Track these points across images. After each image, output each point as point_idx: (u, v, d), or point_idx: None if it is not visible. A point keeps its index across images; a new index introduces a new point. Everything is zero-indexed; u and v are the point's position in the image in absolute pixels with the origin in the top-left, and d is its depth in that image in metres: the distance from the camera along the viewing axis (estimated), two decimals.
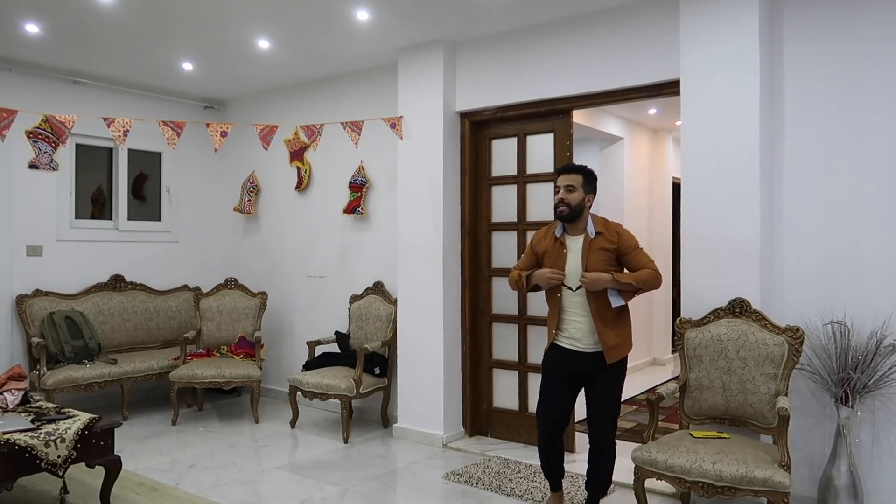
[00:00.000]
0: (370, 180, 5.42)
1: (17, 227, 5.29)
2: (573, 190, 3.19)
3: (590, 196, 3.23)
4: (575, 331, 3.21)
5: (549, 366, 3.31)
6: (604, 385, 3.20)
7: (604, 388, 3.20)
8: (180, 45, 4.85)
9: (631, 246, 3.21)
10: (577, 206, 3.18)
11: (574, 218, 3.20)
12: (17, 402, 3.62)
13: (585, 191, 3.21)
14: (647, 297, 7.45)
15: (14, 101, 4.70)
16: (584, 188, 3.20)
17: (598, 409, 3.21)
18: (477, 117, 4.77)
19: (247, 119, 6.06)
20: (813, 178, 3.48)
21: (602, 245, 3.18)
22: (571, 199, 3.18)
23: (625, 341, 3.22)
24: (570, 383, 3.26)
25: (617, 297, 3.15)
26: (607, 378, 3.19)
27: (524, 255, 3.45)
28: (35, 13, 4.20)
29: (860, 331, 3.27)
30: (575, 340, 3.21)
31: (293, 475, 4.06)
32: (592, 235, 3.19)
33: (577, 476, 3.97)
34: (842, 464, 3.21)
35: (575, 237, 3.24)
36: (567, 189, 3.19)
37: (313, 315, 5.78)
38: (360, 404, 5.31)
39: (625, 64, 4.04)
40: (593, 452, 3.26)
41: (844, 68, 3.40)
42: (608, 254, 3.17)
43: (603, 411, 3.21)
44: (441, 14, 4.22)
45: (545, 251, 3.30)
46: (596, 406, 3.22)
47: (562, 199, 3.19)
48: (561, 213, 3.19)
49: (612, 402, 3.22)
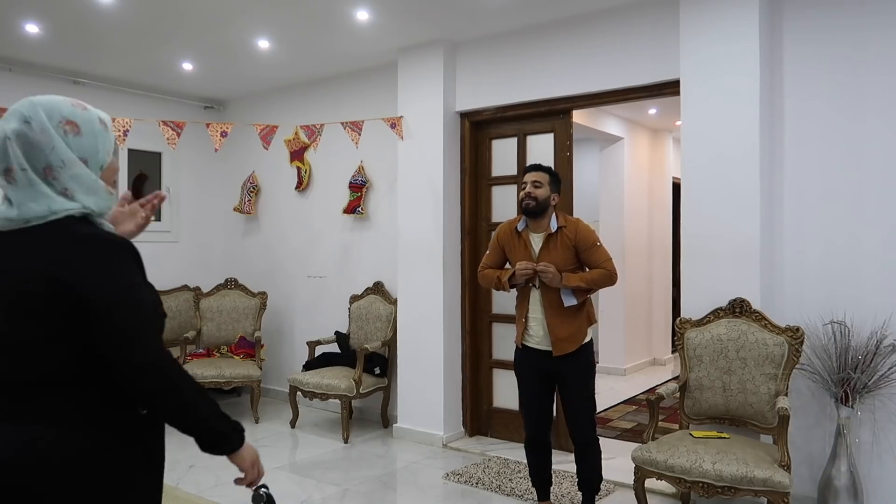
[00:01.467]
0: (370, 180, 5.42)
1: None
2: (540, 186, 3.23)
3: (555, 195, 3.27)
4: (537, 328, 3.24)
5: (519, 367, 3.35)
6: (574, 385, 3.22)
7: (575, 388, 3.22)
8: (180, 45, 4.84)
9: (588, 242, 3.21)
10: (543, 202, 3.21)
11: (540, 213, 3.23)
12: None
13: (551, 188, 3.25)
14: (647, 298, 7.47)
15: (14, 101, 4.63)
16: (551, 186, 3.25)
17: (573, 410, 3.24)
18: (477, 117, 4.77)
19: (247, 119, 6.06)
20: (813, 178, 3.48)
21: (560, 240, 3.20)
22: (539, 194, 3.21)
23: (574, 335, 3.19)
24: (542, 382, 3.29)
25: (570, 296, 3.16)
26: (575, 378, 3.21)
27: (490, 250, 3.43)
28: (35, 13, 4.20)
29: (860, 331, 3.27)
30: (538, 339, 3.24)
31: (293, 475, 4.06)
32: (553, 229, 3.22)
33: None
34: (842, 464, 3.21)
35: (537, 234, 3.26)
36: (534, 184, 3.23)
37: (313, 315, 5.78)
38: (360, 404, 5.31)
39: (625, 64, 4.05)
40: (577, 452, 3.29)
41: (844, 69, 3.40)
42: (565, 249, 3.19)
43: (578, 411, 3.23)
44: (441, 14, 4.22)
45: (510, 247, 3.32)
46: (571, 407, 3.25)
47: (528, 194, 3.22)
48: (527, 206, 3.22)
49: (586, 400, 3.24)
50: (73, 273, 1.22)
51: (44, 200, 1.25)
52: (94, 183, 1.31)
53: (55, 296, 1.22)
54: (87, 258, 1.24)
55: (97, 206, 1.31)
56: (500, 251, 3.37)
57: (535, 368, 3.27)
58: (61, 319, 1.22)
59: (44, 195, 1.25)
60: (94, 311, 1.23)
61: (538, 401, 3.31)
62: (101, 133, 1.34)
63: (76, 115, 1.32)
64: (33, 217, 1.24)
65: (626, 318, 7.04)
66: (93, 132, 1.33)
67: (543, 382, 3.29)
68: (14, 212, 1.25)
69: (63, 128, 1.29)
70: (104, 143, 1.35)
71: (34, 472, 1.22)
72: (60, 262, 1.22)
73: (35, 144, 1.26)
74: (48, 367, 1.24)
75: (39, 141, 1.26)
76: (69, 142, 1.29)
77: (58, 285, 1.21)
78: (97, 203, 1.31)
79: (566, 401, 3.26)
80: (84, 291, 1.22)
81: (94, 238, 1.26)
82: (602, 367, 7.15)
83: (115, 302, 1.24)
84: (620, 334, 7.04)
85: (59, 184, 1.26)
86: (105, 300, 1.23)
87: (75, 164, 1.28)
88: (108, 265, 1.25)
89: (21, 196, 1.25)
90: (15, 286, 1.23)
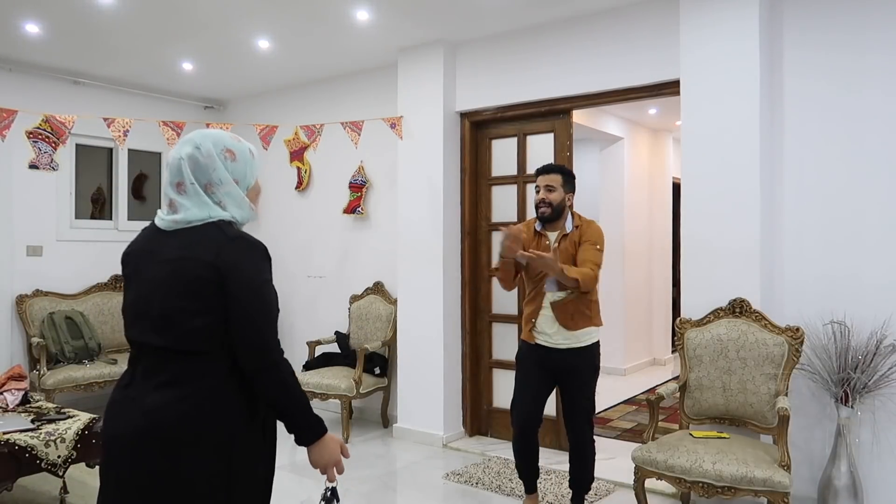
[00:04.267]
0: (370, 180, 5.42)
1: (17, 227, 5.29)
2: (553, 189, 3.19)
3: (569, 195, 3.23)
4: (546, 326, 3.20)
5: (523, 360, 3.31)
6: (577, 383, 3.21)
7: (577, 389, 3.21)
8: (180, 45, 4.84)
9: (589, 240, 3.16)
10: (558, 206, 3.19)
11: (555, 217, 3.21)
12: (17, 402, 3.62)
13: (565, 190, 3.21)
14: (647, 298, 7.46)
15: (14, 101, 4.70)
16: (564, 187, 3.21)
17: (572, 409, 3.22)
18: (477, 117, 4.77)
19: (247, 119, 6.06)
20: (813, 178, 3.48)
21: (574, 238, 3.19)
22: (553, 199, 3.18)
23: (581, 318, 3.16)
24: (544, 378, 3.25)
25: (552, 283, 3.12)
26: (580, 376, 3.20)
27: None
28: (35, 13, 4.20)
29: (860, 331, 3.27)
30: (548, 336, 3.20)
31: (293, 475, 4.06)
32: (569, 230, 3.20)
33: None
34: (842, 464, 3.21)
35: (553, 233, 3.26)
36: (547, 189, 3.19)
37: (313, 315, 5.78)
38: (360, 404, 5.31)
39: (625, 64, 4.04)
40: (573, 452, 3.27)
41: (845, 70, 3.40)
42: (575, 246, 3.18)
43: (577, 411, 3.21)
44: (441, 14, 4.22)
45: (529, 243, 3.28)
46: (570, 406, 3.22)
47: (543, 200, 3.19)
48: (543, 213, 3.20)
49: (586, 400, 3.22)
50: (225, 261, 1.56)
51: (205, 208, 1.62)
52: (241, 199, 1.69)
53: (211, 277, 1.55)
54: (236, 252, 1.58)
55: (241, 217, 1.69)
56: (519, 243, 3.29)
57: (539, 363, 3.24)
58: (212, 297, 1.55)
59: (205, 203, 1.62)
60: (233, 294, 1.55)
61: (534, 393, 3.25)
62: (250, 161, 1.72)
63: (234, 146, 1.69)
64: (195, 220, 1.61)
65: (626, 318, 7.04)
66: (245, 160, 1.71)
67: (544, 378, 3.26)
68: (180, 216, 1.61)
69: (224, 154, 1.67)
70: (252, 169, 1.73)
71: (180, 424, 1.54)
72: (217, 252, 1.56)
73: (202, 166, 1.63)
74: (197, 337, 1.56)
75: (206, 164, 1.63)
76: (227, 166, 1.66)
77: (213, 269, 1.55)
78: (241, 215, 1.69)
79: (566, 399, 3.24)
80: (230, 276, 1.55)
81: (242, 238, 1.63)
82: (602, 367, 7.05)
83: (249, 290, 1.57)
84: (620, 334, 7.04)
85: (216, 197, 1.64)
86: (243, 287, 1.56)
87: (230, 184, 1.66)
88: (250, 260, 1.60)
89: (188, 203, 1.61)
90: (182, 271, 1.56)
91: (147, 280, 1.62)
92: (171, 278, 1.57)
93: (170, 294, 1.57)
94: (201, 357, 1.57)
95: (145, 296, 1.62)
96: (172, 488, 1.55)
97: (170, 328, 1.56)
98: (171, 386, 1.56)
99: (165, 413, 1.54)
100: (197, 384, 1.56)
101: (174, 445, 1.54)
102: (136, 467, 1.55)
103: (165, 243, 1.62)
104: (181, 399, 1.55)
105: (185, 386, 1.55)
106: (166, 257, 1.60)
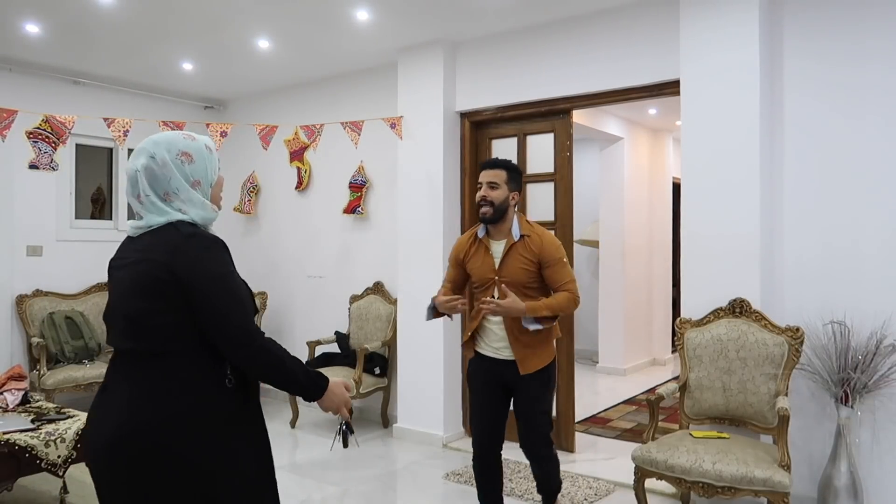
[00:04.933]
0: (370, 180, 5.42)
1: (17, 227, 5.29)
2: (496, 187, 2.89)
3: (514, 194, 2.94)
4: (494, 337, 2.95)
5: (472, 377, 3.07)
6: (528, 398, 2.93)
7: (529, 402, 2.93)
8: (180, 45, 4.85)
9: (553, 259, 2.86)
10: (500, 205, 2.89)
11: (498, 218, 2.91)
12: (17, 402, 3.62)
13: (510, 188, 2.92)
14: (647, 297, 7.46)
15: (14, 101, 4.70)
16: (509, 185, 2.91)
17: (526, 424, 2.96)
18: (477, 117, 4.77)
19: (247, 119, 6.06)
20: (813, 178, 3.48)
21: (523, 252, 2.88)
22: (494, 197, 2.88)
23: (538, 352, 2.90)
24: (497, 394, 2.99)
25: (533, 322, 2.82)
26: (531, 390, 2.92)
27: (448, 266, 3.15)
28: (35, 13, 4.20)
29: (860, 331, 3.27)
30: (494, 348, 2.95)
31: (293, 475, 4.06)
32: (516, 238, 2.90)
33: (576, 476, 3.97)
34: (842, 464, 3.21)
35: (499, 241, 2.95)
36: (489, 186, 2.90)
37: (313, 315, 5.78)
38: (360, 404, 5.31)
39: (625, 64, 4.04)
40: (532, 466, 3.03)
41: (845, 68, 3.40)
42: (528, 262, 2.87)
43: (532, 427, 2.95)
44: (441, 14, 4.22)
45: (469, 257, 3.01)
46: (524, 422, 2.96)
47: (483, 197, 2.90)
48: (484, 214, 2.91)
49: (541, 414, 2.95)
50: (181, 260, 1.56)
51: (165, 214, 1.63)
52: (201, 203, 1.68)
53: (168, 278, 1.55)
54: (191, 249, 1.58)
55: (201, 219, 1.68)
56: (458, 266, 3.08)
57: (490, 378, 2.98)
58: (175, 296, 1.55)
59: (165, 211, 1.63)
60: (196, 290, 1.55)
61: (490, 413, 3.00)
62: (208, 157, 1.71)
63: (189, 147, 1.68)
64: (155, 223, 1.62)
65: (626, 318, 7.04)
66: (203, 158, 1.70)
67: (499, 394, 2.99)
68: (143, 221, 1.64)
69: (180, 159, 1.66)
70: (212, 165, 1.72)
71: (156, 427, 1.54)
72: (172, 251, 1.57)
73: (158, 176, 1.63)
74: (162, 337, 1.57)
75: (161, 174, 1.63)
76: (185, 170, 1.66)
77: (168, 269, 1.55)
78: (202, 216, 1.68)
79: (520, 413, 2.97)
80: (189, 274, 1.55)
81: (197, 235, 1.62)
82: (602, 366, 7.15)
83: (213, 284, 1.57)
84: (620, 334, 7.04)
85: (175, 205, 1.64)
86: (206, 282, 1.56)
87: (187, 191, 1.66)
88: (207, 254, 1.60)
89: (148, 213, 1.64)
90: (143, 273, 1.58)
91: (115, 286, 1.67)
92: (131, 282, 1.61)
93: (131, 297, 1.60)
94: (173, 357, 1.57)
95: (114, 301, 1.66)
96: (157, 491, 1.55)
97: (135, 330, 1.58)
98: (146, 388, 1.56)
99: (141, 416, 1.54)
100: (169, 385, 1.56)
101: (152, 449, 1.54)
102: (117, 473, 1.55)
103: (131, 248, 1.66)
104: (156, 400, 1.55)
105: (159, 387, 1.56)
106: (128, 261, 1.64)
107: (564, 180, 4.48)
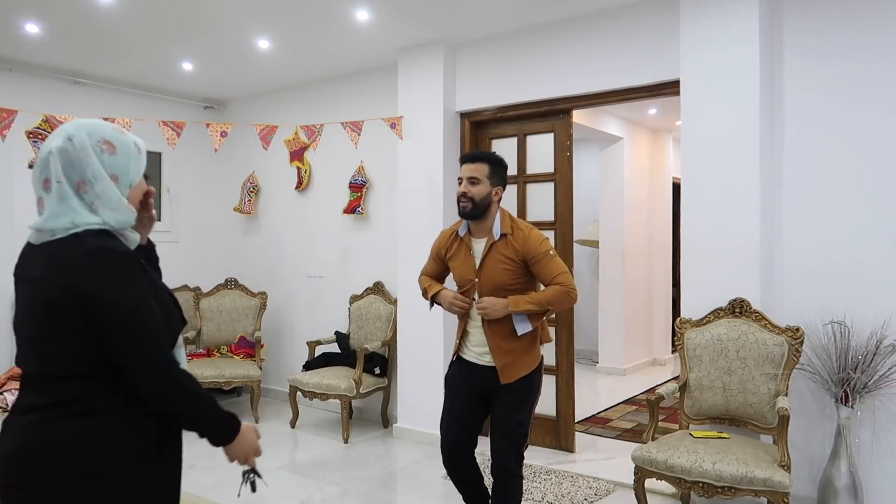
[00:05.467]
0: (370, 180, 5.42)
1: (17, 227, 5.29)
2: (477, 182, 2.72)
3: (497, 189, 2.77)
4: (476, 342, 2.81)
5: (450, 381, 2.90)
6: (507, 407, 2.74)
7: (507, 412, 2.73)
8: (180, 45, 4.84)
9: (539, 253, 2.68)
10: (481, 201, 2.72)
11: (479, 215, 2.74)
12: None
13: (492, 182, 2.74)
14: (646, 298, 7.46)
15: (14, 101, 4.70)
16: (491, 179, 2.74)
17: (499, 436, 2.75)
18: (477, 117, 4.77)
19: (247, 119, 6.06)
20: (813, 178, 3.48)
21: (504, 251, 2.71)
22: (475, 193, 2.71)
23: (520, 360, 2.73)
24: (473, 402, 2.83)
25: (524, 322, 2.68)
26: (511, 399, 2.73)
27: (429, 257, 3.02)
28: (35, 13, 4.20)
29: (860, 331, 3.27)
30: (476, 353, 2.81)
31: (293, 475, 4.06)
32: (497, 237, 2.73)
33: (576, 476, 3.97)
34: (842, 464, 3.21)
35: (479, 239, 2.79)
36: (470, 181, 2.72)
37: (313, 315, 5.78)
38: (360, 404, 5.31)
39: (625, 64, 4.05)
40: (494, 484, 2.79)
41: (845, 68, 3.40)
42: (510, 261, 2.70)
43: (504, 436, 2.74)
44: (441, 14, 4.22)
45: (451, 254, 2.87)
46: (497, 432, 2.76)
47: (464, 193, 2.72)
48: (464, 209, 2.73)
49: (517, 426, 2.74)
50: (83, 281, 1.38)
51: (69, 215, 1.41)
52: (118, 201, 1.47)
53: (69, 301, 1.38)
54: (95, 268, 1.39)
55: (116, 222, 1.46)
56: (438, 260, 2.95)
57: (467, 384, 2.83)
58: (75, 320, 1.39)
59: (71, 209, 1.42)
60: (100, 315, 1.39)
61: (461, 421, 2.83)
62: (134, 155, 1.53)
63: (115, 138, 1.49)
64: (58, 230, 1.42)
65: (626, 318, 7.05)
66: (127, 153, 1.51)
67: (475, 402, 2.83)
68: (43, 223, 1.43)
69: (100, 146, 1.46)
70: (136, 165, 1.53)
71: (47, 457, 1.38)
72: (74, 271, 1.38)
73: (73, 161, 1.43)
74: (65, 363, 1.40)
75: (78, 158, 1.43)
76: (104, 160, 1.46)
77: (69, 292, 1.38)
78: (117, 219, 1.46)
79: (495, 424, 2.77)
80: (92, 297, 1.38)
81: (103, 251, 1.41)
82: (602, 366, 7.15)
83: (117, 307, 1.39)
84: (620, 334, 7.04)
85: (88, 197, 1.43)
86: (109, 305, 1.39)
87: (104, 181, 1.45)
88: (114, 277, 1.41)
89: (52, 206, 1.42)
90: (41, 293, 1.41)
91: (19, 302, 1.48)
92: (32, 301, 1.44)
93: (32, 317, 1.43)
94: (76, 381, 1.41)
95: (20, 318, 1.48)
96: None
97: (34, 353, 1.43)
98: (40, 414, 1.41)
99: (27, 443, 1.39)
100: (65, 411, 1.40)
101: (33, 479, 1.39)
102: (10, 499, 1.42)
103: (33, 259, 1.46)
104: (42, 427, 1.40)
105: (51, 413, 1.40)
106: (31, 276, 1.45)
107: (564, 180, 4.48)
